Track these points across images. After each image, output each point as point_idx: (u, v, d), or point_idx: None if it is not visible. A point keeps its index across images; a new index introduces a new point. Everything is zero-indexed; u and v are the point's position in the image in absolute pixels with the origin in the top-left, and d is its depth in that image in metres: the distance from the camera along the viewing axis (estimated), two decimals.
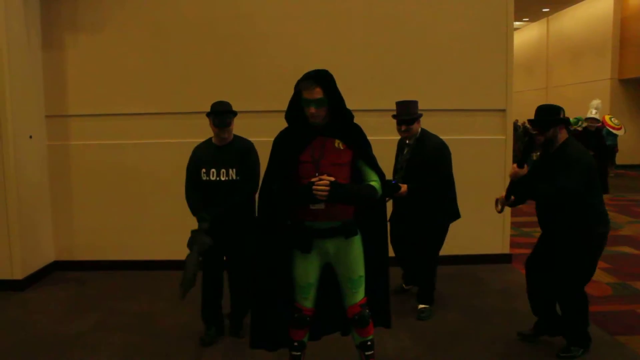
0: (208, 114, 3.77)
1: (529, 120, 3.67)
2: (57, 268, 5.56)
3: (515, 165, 3.47)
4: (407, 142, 4.26)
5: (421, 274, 4.37)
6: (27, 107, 5.18)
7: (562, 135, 3.42)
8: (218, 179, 3.67)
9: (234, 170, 3.68)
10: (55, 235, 5.59)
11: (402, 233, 4.36)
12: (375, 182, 2.85)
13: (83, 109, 5.47)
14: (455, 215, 4.39)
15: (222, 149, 3.76)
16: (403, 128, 4.14)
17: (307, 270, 2.88)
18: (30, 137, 5.22)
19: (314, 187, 2.65)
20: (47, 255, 5.52)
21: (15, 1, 4.98)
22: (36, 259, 5.30)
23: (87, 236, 5.59)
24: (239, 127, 5.40)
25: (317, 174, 2.71)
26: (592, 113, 9.07)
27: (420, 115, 4.20)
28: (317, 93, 2.70)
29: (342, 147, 2.82)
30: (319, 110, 2.72)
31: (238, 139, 3.86)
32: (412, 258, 4.45)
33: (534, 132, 3.73)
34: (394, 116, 4.22)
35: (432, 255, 4.34)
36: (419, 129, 4.21)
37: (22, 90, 5.08)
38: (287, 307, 2.95)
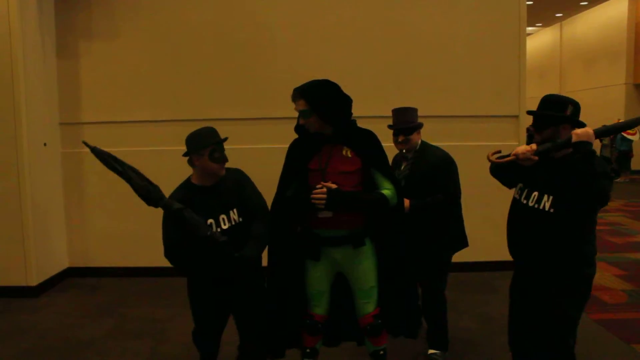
0: (197, 148, 2.88)
1: (528, 112, 2.92)
2: (71, 274, 5.61)
3: (533, 146, 2.67)
4: (405, 155, 3.62)
5: (430, 313, 3.63)
6: (41, 114, 5.25)
7: (566, 134, 2.59)
8: (218, 229, 2.80)
9: (235, 210, 2.87)
10: (69, 242, 5.64)
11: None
12: (387, 191, 2.80)
13: (97, 117, 5.52)
14: (462, 242, 3.76)
15: (213, 189, 2.88)
16: (400, 139, 3.53)
17: (318, 278, 2.89)
18: (45, 144, 5.28)
19: (312, 195, 2.68)
20: (61, 261, 5.56)
21: (31, 9, 5.05)
22: (50, 266, 5.34)
23: (101, 243, 5.63)
24: (249, 135, 5.46)
25: (322, 182, 2.71)
26: None
27: (421, 125, 3.62)
28: (301, 105, 2.74)
29: (350, 155, 2.80)
30: (306, 121, 2.75)
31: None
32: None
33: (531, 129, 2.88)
34: (390, 126, 3.63)
35: (439, 294, 3.64)
36: (419, 141, 3.61)
37: (37, 97, 5.15)
38: (300, 313, 2.95)
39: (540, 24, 20.59)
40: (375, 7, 5.43)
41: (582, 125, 2.63)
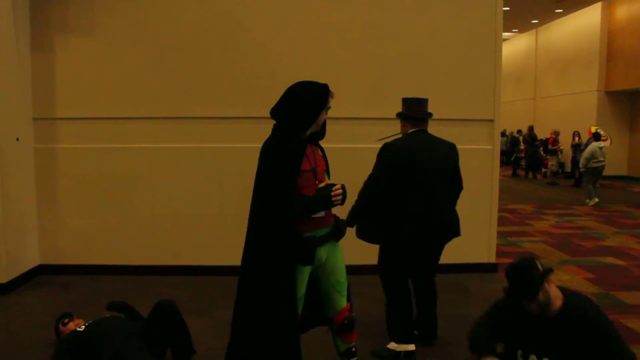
0: None
1: (508, 291, 2.56)
2: (42, 272, 5.52)
3: None
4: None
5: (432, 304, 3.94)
6: (14, 109, 5.16)
7: (553, 290, 2.47)
8: None
9: None
10: (40, 239, 5.55)
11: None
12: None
13: (71, 112, 5.44)
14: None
15: None
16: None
17: (302, 282, 2.84)
18: (17, 139, 5.19)
19: (333, 194, 2.71)
20: (32, 258, 5.47)
21: (4, 2, 4.96)
22: (21, 262, 5.25)
23: (74, 240, 5.55)
24: (230, 133, 5.44)
25: (317, 182, 2.78)
26: None
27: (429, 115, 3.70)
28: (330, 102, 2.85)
29: (321, 154, 2.95)
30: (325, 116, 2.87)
31: None
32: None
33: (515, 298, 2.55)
34: (407, 116, 3.64)
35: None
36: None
37: (9, 92, 5.06)
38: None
39: (516, 30, 20.91)
40: (352, 10, 5.46)
41: (548, 273, 2.47)
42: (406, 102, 3.72)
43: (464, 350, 3.75)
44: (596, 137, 11.64)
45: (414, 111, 3.64)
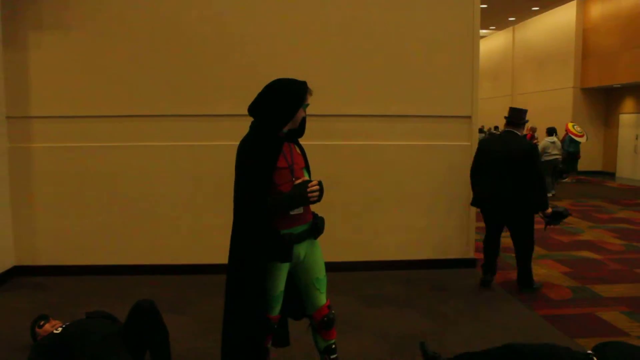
0: None
1: None
2: (17, 273, 5.42)
3: None
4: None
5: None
6: None
7: None
8: None
9: None
10: (15, 239, 5.45)
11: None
12: None
13: (46, 111, 5.35)
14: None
15: None
16: None
17: (280, 279, 2.83)
18: None
19: (309, 189, 2.71)
20: (7, 260, 5.37)
21: None
22: None
23: (49, 240, 5.46)
24: (209, 131, 5.41)
25: (294, 179, 2.76)
26: None
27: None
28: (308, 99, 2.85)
29: (298, 152, 2.94)
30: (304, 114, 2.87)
31: None
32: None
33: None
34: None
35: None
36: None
37: None
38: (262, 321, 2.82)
39: (493, 27, 21.12)
40: (331, 8, 5.45)
41: None
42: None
43: (445, 344, 3.80)
44: (549, 132, 12.17)
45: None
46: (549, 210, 4.99)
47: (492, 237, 5.16)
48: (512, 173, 4.82)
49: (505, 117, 5.13)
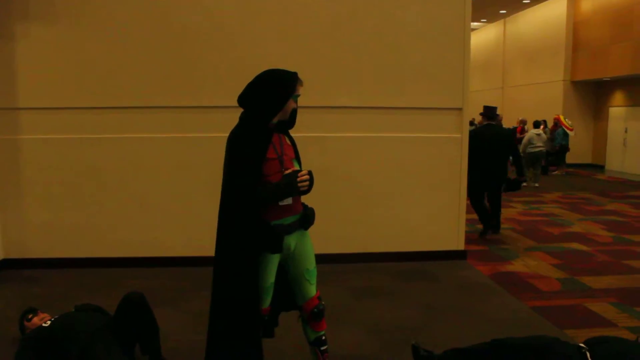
0: None
1: None
2: (6, 266, 5.38)
3: None
4: None
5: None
6: None
7: None
8: None
9: None
10: (4, 232, 5.40)
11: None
12: None
13: (34, 102, 5.29)
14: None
15: None
16: None
17: (271, 271, 2.82)
18: None
19: (299, 179, 2.70)
20: None
21: None
22: None
23: (38, 233, 5.42)
24: (199, 123, 5.38)
25: (283, 170, 2.75)
26: None
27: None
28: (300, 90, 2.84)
29: (289, 143, 2.93)
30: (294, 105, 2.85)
31: None
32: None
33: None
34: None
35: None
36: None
37: None
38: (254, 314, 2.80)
39: (485, 20, 21.12)
40: (322, 0, 5.43)
41: None
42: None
43: (434, 336, 3.82)
44: (536, 124, 12.59)
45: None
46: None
47: (481, 202, 6.84)
48: (503, 152, 6.74)
49: (481, 114, 7.01)
